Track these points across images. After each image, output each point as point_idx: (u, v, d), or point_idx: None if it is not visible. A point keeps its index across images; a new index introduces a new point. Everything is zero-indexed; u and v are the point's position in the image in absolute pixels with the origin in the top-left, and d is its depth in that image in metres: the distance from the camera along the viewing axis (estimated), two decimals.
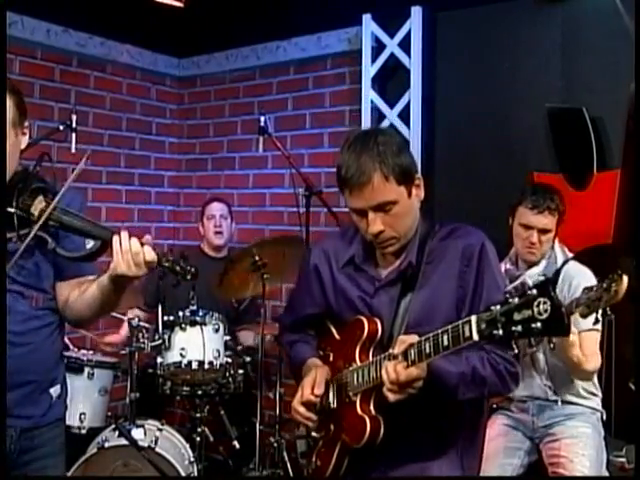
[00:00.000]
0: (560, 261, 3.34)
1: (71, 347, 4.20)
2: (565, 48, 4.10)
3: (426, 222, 2.28)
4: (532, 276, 3.31)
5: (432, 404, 2.13)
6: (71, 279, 2.39)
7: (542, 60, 4.17)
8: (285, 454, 4.21)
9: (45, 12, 4.85)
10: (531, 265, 3.36)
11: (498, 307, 1.70)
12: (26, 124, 2.32)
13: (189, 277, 2.18)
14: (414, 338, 1.98)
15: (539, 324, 1.60)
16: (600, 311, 2.92)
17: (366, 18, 4.69)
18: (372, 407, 2.16)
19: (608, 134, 3.94)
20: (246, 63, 5.52)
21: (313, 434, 2.38)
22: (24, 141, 2.32)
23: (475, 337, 1.76)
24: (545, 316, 1.60)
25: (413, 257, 2.20)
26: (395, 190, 2.10)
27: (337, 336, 2.36)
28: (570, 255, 3.38)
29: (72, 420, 3.84)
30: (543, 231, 3.28)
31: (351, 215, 2.21)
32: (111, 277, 2.20)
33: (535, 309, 1.61)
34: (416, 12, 4.51)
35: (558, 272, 3.30)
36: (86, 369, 4.01)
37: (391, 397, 2.00)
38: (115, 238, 2.14)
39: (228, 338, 4.17)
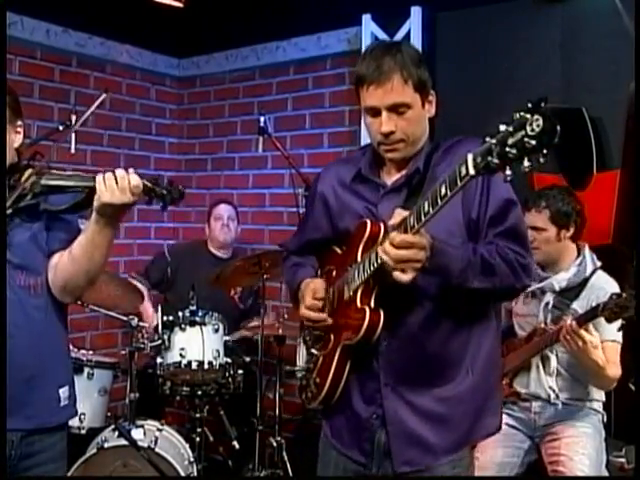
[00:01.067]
0: (589, 269, 3.32)
1: (71, 347, 4.20)
2: (564, 48, 4.10)
3: (432, 142, 2.30)
4: (560, 281, 3.31)
5: (438, 302, 2.13)
6: (61, 247, 2.36)
7: (541, 60, 4.16)
8: (285, 454, 4.22)
9: (45, 12, 4.85)
10: (559, 269, 3.35)
11: (493, 139, 1.67)
12: (19, 123, 2.37)
13: (177, 196, 2.16)
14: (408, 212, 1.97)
15: (533, 141, 1.58)
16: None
17: (366, 18, 4.69)
18: (372, 301, 2.12)
19: (608, 134, 3.93)
20: (246, 63, 5.52)
21: (313, 351, 2.37)
22: (17, 140, 2.37)
23: (471, 171, 1.73)
24: (537, 131, 1.57)
25: (421, 165, 2.21)
26: (411, 95, 2.15)
27: (340, 251, 2.35)
28: (599, 264, 3.35)
29: (72, 420, 3.82)
30: (534, 229, 3.27)
31: (364, 117, 2.24)
32: (96, 211, 2.18)
33: (528, 128, 1.58)
34: (416, 12, 4.50)
35: (586, 280, 3.29)
36: (86, 369, 4.01)
37: (398, 276, 1.95)
38: (99, 175, 2.15)
39: (228, 338, 4.17)
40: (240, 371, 4.20)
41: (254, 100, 5.47)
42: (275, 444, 4.20)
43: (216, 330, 4.08)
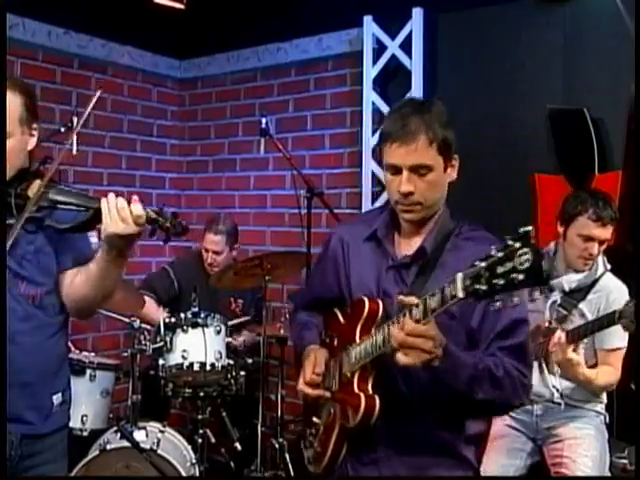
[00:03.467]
0: (600, 271, 3.30)
1: (73, 349, 4.20)
2: (566, 49, 4.10)
3: (453, 219, 2.25)
4: (570, 282, 3.28)
5: (437, 392, 2.07)
6: (73, 266, 2.38)
7: (543, 61, 4.16)
8: (287, 455, 4.22)
9: (46, 14, 4.85)
10: (570, 270, 3.32)
11: (483, 263, 1.65)
12: (35, 126, 2.38)
13: (180, 231, 2.14)
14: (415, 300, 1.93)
15: (520, 275, 1.58)
16: None
17: (367, 19, 4.70)
18: (370, 386, 2.11)
19: (609, 135, 3.94)
20: (247, 65, 5.52)
21: (314, 420, 2.36)
22: (32, 142, 2.38)
23: (460, 294, 1.71)
24: (526, 266, 1.57)
25: (428, 243, 2.18)
26: (435, 157, 2.11)
27: (342, 320, 2.33)
28: (609, 266, 3.34)
29: (74, 422, 3.82)
30: (603, 242, 3.24)
31: (384, 174, 2.21)
32: (105, 242, 2.20)
33: (517, 260, 1.58)
34: (417, 13, 4.51)
35: (595, 282, 3.28)
36: (88, 371, 4.01)
37: (400, 359, 1.90)
38: (103, 200, 2.15)
39: (230, 340, 4.16)
40: (242, 372, 4.18)
41: (255, 102, 5.48)
42: (277, 445, 4.21)
43: (218, 332, 4.07)
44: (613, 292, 3.24)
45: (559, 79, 4.11)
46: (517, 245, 1.60)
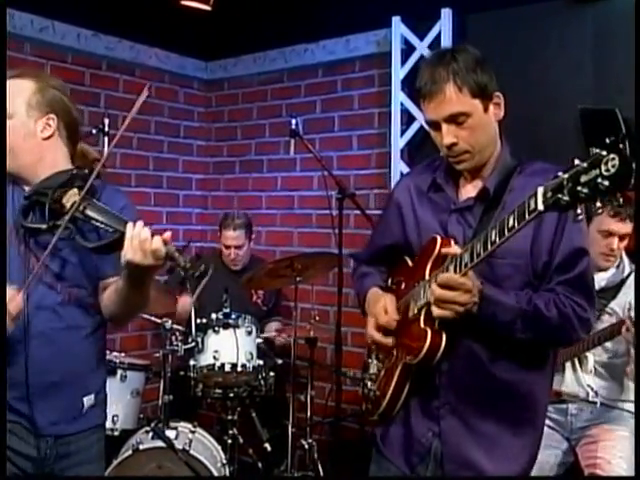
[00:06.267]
0: (627, 271, 3.30)
1: None
2: (596, 49, 4.08)
3: (514, 157, 2.22)
4: (599, 281, 3.23)
5: (501, 339, 2.06)
6: (110, 277, 2.35)
7: (573, 61, 4.14)
8: (316, 456, 4.22)
9: (75, 16, 4.89)
10: (598, 270, 3.28)
11: (566, 174, 1.60)
12: (52, 116, 2.33)
13: (198, 275, 2.09)
14: None
15: (606, 181, 1.51)
16: None
17: (395, 20, 4.69)
18: (436, 322, 2.05)
19: None
20: (274, 66, 5.53)
21: (375, 363, 2.34)
22: (45, 132, 2.33)
23: (540, 207, 1.66)
24: (612, 171, 1.50)
25: (490, 183, 2.15)
26: (468, 102, 2.09)
27: (411, 264, 2.30)
28: (633, 266, 3.32)
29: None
30: (623, 237, 3.24)
31: (430, 131, 2.20)
32: (124, 267, 2.15)
33: (603, 167, 1.52)
34: (446, 14, 4.49)
35: (624, 282, 3.27)
36: (119, 371, 4.03)
37: (435, 311, 1.97)
38: (129, 225, 2.09)
39: (260, 341, 4.18)
40: (272, 373, 4.20)
41: (282, 103, 5.49)
42: (307, 446, 4.22)
43: (249, 332, 4.09)
44: None
45: (590, 79, 4.09)
46: (604, 153, 1.53)
